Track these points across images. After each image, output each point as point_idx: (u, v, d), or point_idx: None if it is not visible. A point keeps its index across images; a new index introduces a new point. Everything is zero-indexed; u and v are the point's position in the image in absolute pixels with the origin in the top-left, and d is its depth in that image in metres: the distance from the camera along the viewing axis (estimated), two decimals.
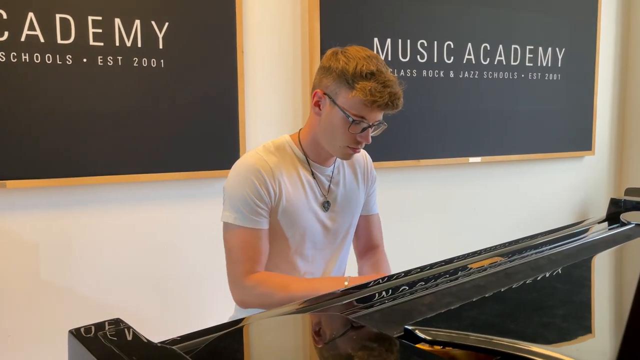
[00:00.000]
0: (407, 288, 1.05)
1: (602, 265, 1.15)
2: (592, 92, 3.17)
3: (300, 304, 0.99)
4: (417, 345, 0.75)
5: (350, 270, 1.59)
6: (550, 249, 1.29)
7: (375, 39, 2.44)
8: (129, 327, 0.76)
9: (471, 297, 0.91)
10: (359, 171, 1.51)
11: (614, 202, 1.74)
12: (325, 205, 1.41)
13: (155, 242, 2.13)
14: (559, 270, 1.06)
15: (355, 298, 1.00)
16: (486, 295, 0.90)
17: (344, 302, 0.99)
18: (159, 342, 0.78)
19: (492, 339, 0.73)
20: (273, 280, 1.31)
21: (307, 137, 1.39)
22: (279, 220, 1.35)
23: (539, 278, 1.01)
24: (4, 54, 1.80)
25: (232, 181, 1.33)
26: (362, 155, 1.54)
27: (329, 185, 1.42)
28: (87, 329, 0.73)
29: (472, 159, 2.78)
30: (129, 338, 0.72)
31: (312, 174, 1.39)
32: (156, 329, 2.12)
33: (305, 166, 1.39)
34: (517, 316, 0.82)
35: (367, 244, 1.58)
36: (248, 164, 1.33)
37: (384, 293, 1.02)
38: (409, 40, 2.53)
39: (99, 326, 0.74)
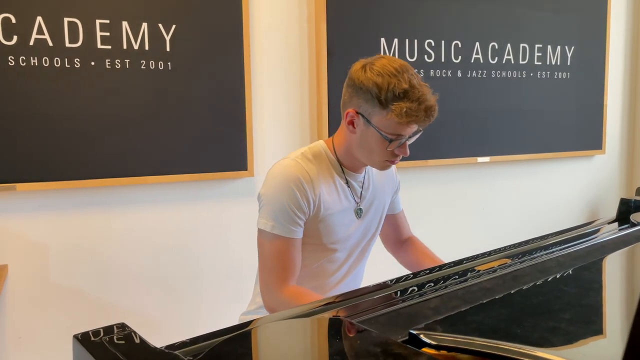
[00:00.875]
0: (416, 290, 1.04)
1: (611, 268, 1.14)
2: (602, 90, 3.14)
3: (307, 307, 0.98)
4: (422, 350, 0.75)
5: (368, 272, 1.60)
6: (560, 250, 1.28)
7: (382, 39, 2.44)
8: (133, 332, 0.77)
9: (477, 300, 0.90)
10: (387, 177, 1.53)
11: (624, 202, 1.72)
12: (359, 212, 1.43)
13: (163, 244, 2.14)
14: (567, 272, 1.05)
15: (363, 301, 1.00)
16: (492, 299, 0.90)
17: (351, 304, 0.99)
18: (167, 345, 0.78)
19: (497, 344, 0.73)
20: (308, 298, 1.30)
21: (342, 147, 1.38)
22: (316, 228, 1.35)
23: (546, 281, 1.00)
24: (13, 57, 1.82)
25: (272, 189, 1.32)
26: None
27: (361, 191, 1.44)
28: (92, 333, 0.73)
29: (480, 159, 2.77)
30: (134, 343, 0.72)
31: (347, 182, 1.41)
32: (165, 331, 2.13)
33: (340, 174, 1.40)
34: (523, 320, 0.82)
35: (399, 238, 1.65)
36: (289, 173, 1.31)
37: (392, 295, 1.02)
38: (416, 40, 2.52)
39: (104, 331, 0.74)
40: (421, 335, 0.76)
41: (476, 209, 2.87)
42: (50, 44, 1.86)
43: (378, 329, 0.80)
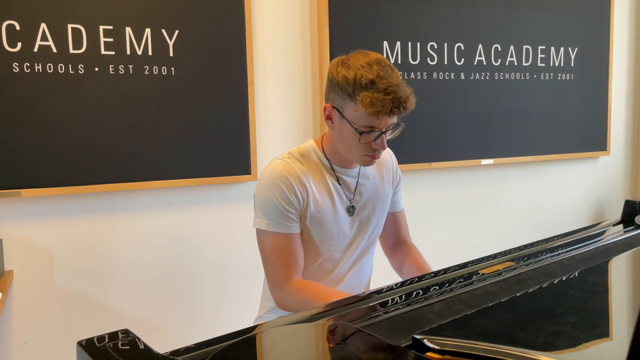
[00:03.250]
0: (421, 293, 1.04)
1: (615, 270, 1.13)
2: (606, 91, 3.13)
3: (312, 311, 0.99)
4: (426, 355, 0.75)
5: (376, 268, 1.60)
6: (564, 252, 1.27)
7: (385, 42, 2.44)
8: (137, 338, 0.77)
9: (481, 304, 0.90)
10: (385, 170, 1.52)
11: (629, 204, 1.72)
12: (351, 210, 1.43)
13: (167, 249, 2.14)
14: (571, 275, 1.05)
15: (368, 305, 1.00)
16: (496, 303, 0.89)
17: (356, 309, 0.99)
18: (171, 351, 0.78)
19: (502, 348, 0.72)
20: (315, 289, 1.33)
21: (328, 145, 1.40)
22: (307, 225, 1.37)
23: (550, 284, 1.00)
24: (17, 64, 1.83)
25: (261, 188, 1.36)
26: (388, 154, 1.55)
27: (355, 188, 1.43)
28: (96, 339, 0.73)
29: (484, 161, 2.76)
30: (138, 349, 0.72)
31: (337, 179, 1.41)
32: (170, 337, 2.14)
33: (330, 172, 1.40)
34: (527, 324, 0.81)
35: (396, 240, 1.61)
36: (275, 170, 1.35)
37: (397, 299, 1.02)
38: (418, 43, 2.52)
39: (108, 337, 0.74)
40: (425, 340, 0.76)
41: (480, 211, 2.86)
42: (54, 50, 1.88)
43: (381, 334, 0.80)
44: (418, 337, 0.77)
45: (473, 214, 2.84)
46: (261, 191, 1.35)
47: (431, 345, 0.75)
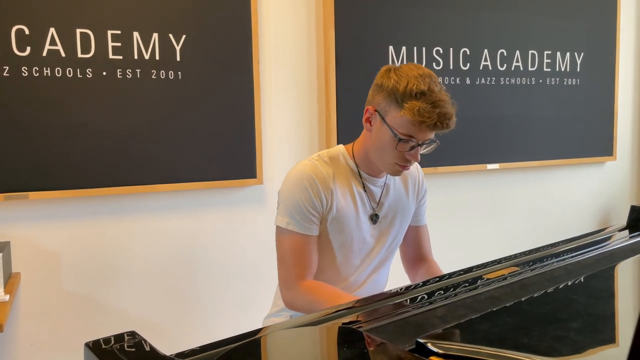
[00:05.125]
0: (426, 297, 1.04)
1: (620, 276, 1.13)
2: (613, 96, 3.12)
3: (318, 314, 0.99)
4: (430, 358, 0.75)
5: (392, 278, 1.60)
6: (569, 258, 1.27)
7: (391, 47, 2.45)
8: (143, 340, 0.78)
9: (485, 309, 0.90)
10: (411, 183, 1.52)
11: (634, 210, 1.71)
12: (374, 218, 1.44)
13: (173, 252, 2.15)
14: (575, 281, 1.05)
15: (373, 309, 1.00)
16: (500, 308, 0.90)
17: (361, 312, 0.99)
18: (177, 353, 0.79)
19: (505, 353, 0.73)
20: (324, 290, 1.34)
21: (360, 150, 1.41)
22: (328, 228, 1.38)
23: (554, 289, 1.00)
24: (26, 68, 1.85)
25: (287, 187, 1.37)
26: (415, 168, 1.55)
27: (380, 197, 1.44)
28: (103, 341, 0.74)
29: (490, 166, 2.76)
30: (144, 351, 0.73)
31: (364, 186, 1.42)
32: (175, 339, 2.14)
33: (357, 178, 1.41)
34: (530, 329, 0.82)
35: (417, 255, 1.60)
36: (303, 172, 1.37)
37: (403, 303, 1.02)
38: (424, 48, 2.52)
39: (114, 339, 0.75)
40: (428, 344, 0.76)
41: (486, 216, 2.86)
42: (63, 54, 1.89)
43: (385, 338, 0.81)
44: (422, 341, 0.77)
45: (478, 218, 2.84)
46: (286, 190, 1.37)
47: (435, 349, 0.76)
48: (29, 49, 1.85)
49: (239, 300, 2.26)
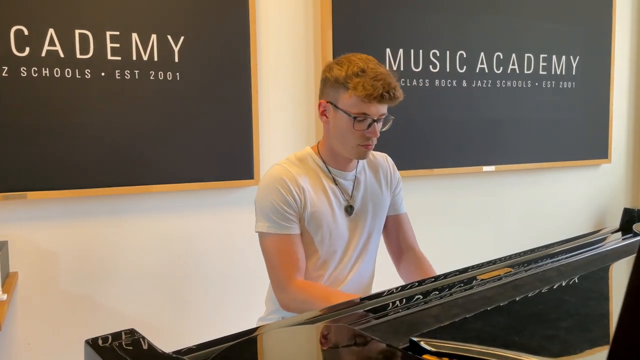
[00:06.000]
0: (422, 297, 1.06)
1: (611, 277, 1.15)
2: (608, 99, 3.15)
3: (313, 313, 1.01)
4: (423, 357, 0.77)
5: (378, 273, 1.61)
6: (563, 259, 1.29)
7: (388, 50, 2.46)
8: (143, 338, 0.79)
9: (478, 309, 0.92)
10: (382, 174, 1.56)
11: (627, 212, 1.74)
12: (349, 210, 1.47)
13: (170, 252, 2.16)
14: (567, 282, 1.06)
15: (368, 308, 1.02)
16: (492, 307, 0.91)
17: (356, 312, 1.01)
18: (174, 351, 0.80)
19: (495, 351, 0.74)
20: (316, 290, 1.37)
21: (324, 146, 1.47)
22: (307, 227, 1.42)
23: (546, 290, 1.02)
24: (25, 69, 1.86)
25: (260, 193, 1.42)
26: (383, 158, 1.60)
27: (352, 189, 1.48)
28: (103, 338, 0.75)
29: (485, 168, 2.78)
30: (143, 348, 0.75)
31: (334, 181, 1.46)
32: (172, 337, 2.15)
33: (327, 174, 1.46)
34: (522, 329, 0.83)
35: (401, 245, 1.62)
36: (272, 175, 1.42)
37: (397, 303, 1.04)
38: (421, 50, 2.54)
39: (114, 336, 0.76)
40: (422, 343, 0.78)
41: (481, 218, 2.88)
42: (62, 55, 1.91)
43: (379, 337, 0.82)
44: (415, 339, 0.79)
45: (474, 220, 2.85)
46: (261, 196, 1.42)
47: (428, 348, 0.77)
48: (27, 49, 1.86)
49: (235, 300, 2.28)
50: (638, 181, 3.45)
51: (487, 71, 2.72)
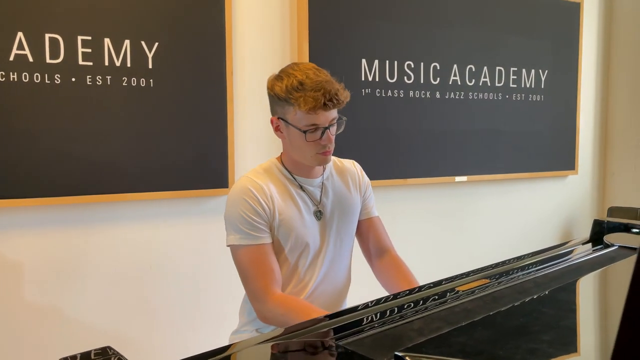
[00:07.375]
0: (396, 311, 1.05)
1: (587, 289, 1.17)
2: (575, 112, 3.24)
3: (289, 329, 0.99)
4: None
5: (356, 278, 1.60)
6: (536, 271, 1.31)
7: (363, 60, 2.48)
8: (118, 355, 0.76)
9: (460, 321, 0.92)
10: (350, 179, 1.56)
11: (597, 224, 1.77)
12: (318, 215, 1.46)
13: (142, 262, 2.11)
14: (545, 293, 1.08)
15: (345, 323, 1.00)
16: (475, 320, 0.92)
17: (334, 327, 0.99)
18: None
19: None
20: (295, 304, 1.35)
21: (286, 157, 1.47)
22: (277, 236, 1.41)
23: (525, 302, 1.02)
24: None
25: (229, 207, 1.41)
26: (350, 164, 1.60)
27: (320, 195, 1.48)
28: (79, 357, 0.72)
29: (458, 178, 2.81)
30: None
31: (302, 188, 1.45)
32: (146, 353, 2.10)
33: (293, 182, 1.46)
34: (505, 342, 0.84)
35: (376, 248, 1.60)
36: (239, 187, 1.41)
37: (373, 317, 1.03)
38: (396, 62, 2.56)
39: (87, 355, 0.73)
40: (406, 358, 0.77)
41: (454, 227, 2.91)
42: (31, 59, 1.85)
43: (364, 351, 0.81)
44: (400, 354, 0.78)
45: (447, 229, 2.88)
46: (229, 210, 1.40)
47: None
48: None
49: (209, 312, 2.23)
50: (603, 192, 3.55)
51: (459, 83, 2.77)
